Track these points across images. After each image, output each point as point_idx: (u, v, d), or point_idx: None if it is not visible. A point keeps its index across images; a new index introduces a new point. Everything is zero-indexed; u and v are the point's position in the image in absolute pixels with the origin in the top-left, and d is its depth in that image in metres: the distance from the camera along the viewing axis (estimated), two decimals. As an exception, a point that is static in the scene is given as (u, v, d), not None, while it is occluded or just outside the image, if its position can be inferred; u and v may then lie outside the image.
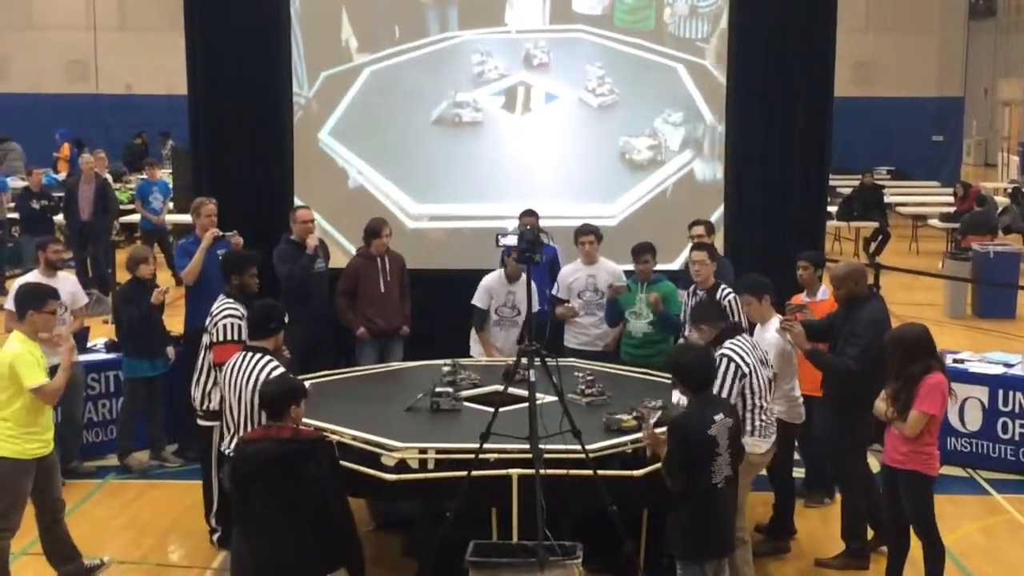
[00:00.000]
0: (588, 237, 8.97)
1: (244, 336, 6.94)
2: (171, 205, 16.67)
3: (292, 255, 9.13)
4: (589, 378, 7.24)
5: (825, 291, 8.22)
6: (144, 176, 17.15)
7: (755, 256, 10.02)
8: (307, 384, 6.40)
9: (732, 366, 6.44)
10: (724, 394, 6.30)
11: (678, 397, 6.56)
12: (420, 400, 7.14)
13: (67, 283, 8.90)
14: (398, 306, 9.31)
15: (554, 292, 9.08)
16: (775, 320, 7.18)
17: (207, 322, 7.28)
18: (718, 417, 5.79)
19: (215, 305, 7.25)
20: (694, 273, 8.25)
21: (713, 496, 5.77)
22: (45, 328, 6.70)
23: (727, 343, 6.58)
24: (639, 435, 6.39)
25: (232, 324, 7.04)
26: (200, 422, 7.24)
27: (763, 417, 6.62)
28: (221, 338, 7.05)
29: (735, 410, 6.13)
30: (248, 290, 7.31)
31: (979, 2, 33.14)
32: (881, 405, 6.56)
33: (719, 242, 10.31)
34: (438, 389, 7.17)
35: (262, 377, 6.18)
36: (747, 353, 6.56)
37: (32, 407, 6.56)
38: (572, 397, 7.07)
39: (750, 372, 6.49)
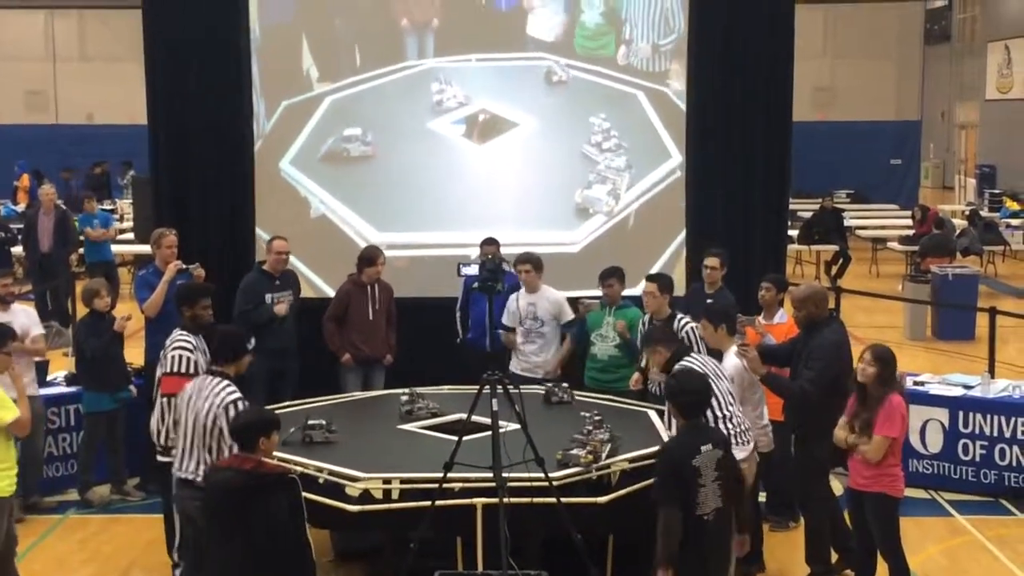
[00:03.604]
0: (525, 266, 9.00)
1: (193, 368, 6.91)
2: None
3: (260, 289, 9.11)
4: (597, 418, 7.03)
5: (783, 314, 8.28)
6: (84, 210, 16.89)
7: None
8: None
9: None
10: None
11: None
12: (292, 434, 7.07)
13: (21, 315, 8.76)
14: (384, 334, 9.34)
15: (504, 321, 9.13)
16: (732, 347, 7.22)
17: (160, 354, 7.24)
18: (705, 447, 5.74)
19: (169, 337, 7.21)
20: (645, 304, 8.36)
21: (699, 528, 5.71)
22: (1, 368, 6.62)
23: (680, 361, 6.70)
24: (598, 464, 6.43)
25: (180, 356, 6.99)
26: (159, 458, 7.17)
27: (730, 424, 6.64)
28: (168, 369, 7.01)
29: (725, 439, 6.08)
30: (201, 322, 7.27)
31: (934, 27, 33.61)
32: (841, 433, 6.60)
33: (680, 267, 10.39)
34: (310, 422, 7.10)
35: (218, 401, 6.22)
36: (701, 364, 6.65)
37: (2, 443, 6.49)
38: (578, 438, 6.86)
39: (711, 386, 6.50)
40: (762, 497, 8.11)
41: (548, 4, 10.57)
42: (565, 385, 8.18)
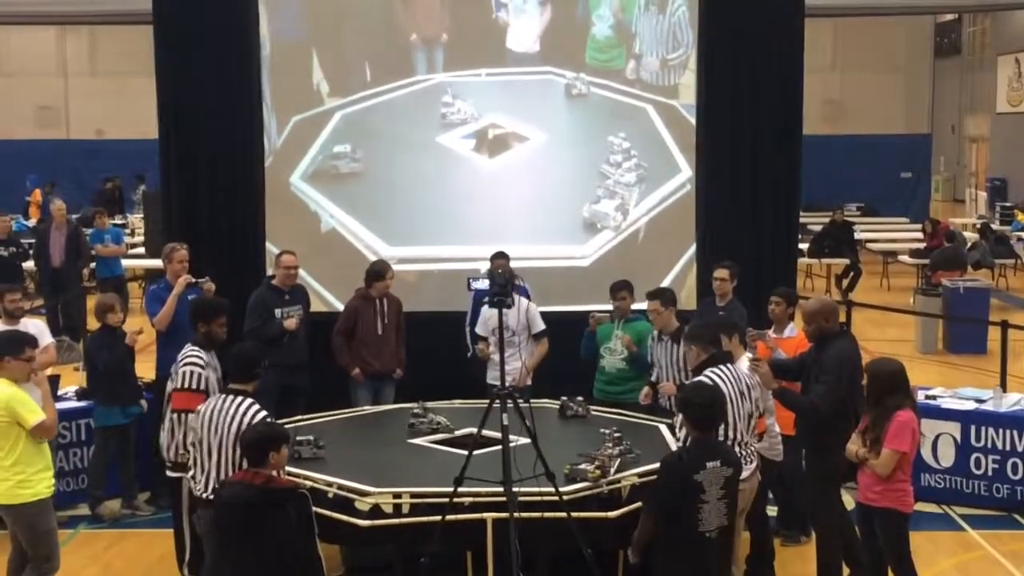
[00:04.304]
0: None
1: (203, 385, 6.92)
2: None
3: (270, 304, 9.11)
4: (617, 435, 6.97)
5: (793, 328, 8.27)
6: (95, 226, 16.93)
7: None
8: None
9: None
10: None
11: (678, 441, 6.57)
12: None
13: (30, 328, 8.70)
14: (394, 348, 9.35)
15: (476, 330, 9.11)
16: (744, 359, 7.21)
17: (172, 369, 7.24)
18: (712, 464, 5.69)
19: (181, 352, 7.22)
20: (652, 321, 8.34)
21: (701, 545, 5.67)
22: (22, 376, 6.64)
23: (708, 370, 6.61)
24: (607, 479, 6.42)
25: (192, 372, 6.99)
26: (169, 473, 7.18)
27: (738, 447, 6.60)
28: (179, 385, 7.01)
29: (738, 460, 6.01)
30: (215, 338, 7.27)
31: (944, 41, 33.61)
32: (852, 447, 6.58)
33: (690, 281, 10.38)
34: (299, 438, 7.08)
35: (246, 420, 6.16)
36: (727, 382, 6.57)
37: (34, 446, 6.51)
38: (587, 453, 6.79)
39: (726, 402, 6.45)
40: (773, 511, 8.10)
41: (558, 18, 10.60)
42: (580, 399, 8.17)
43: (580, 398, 8.18)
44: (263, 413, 6.24)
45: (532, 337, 9.10)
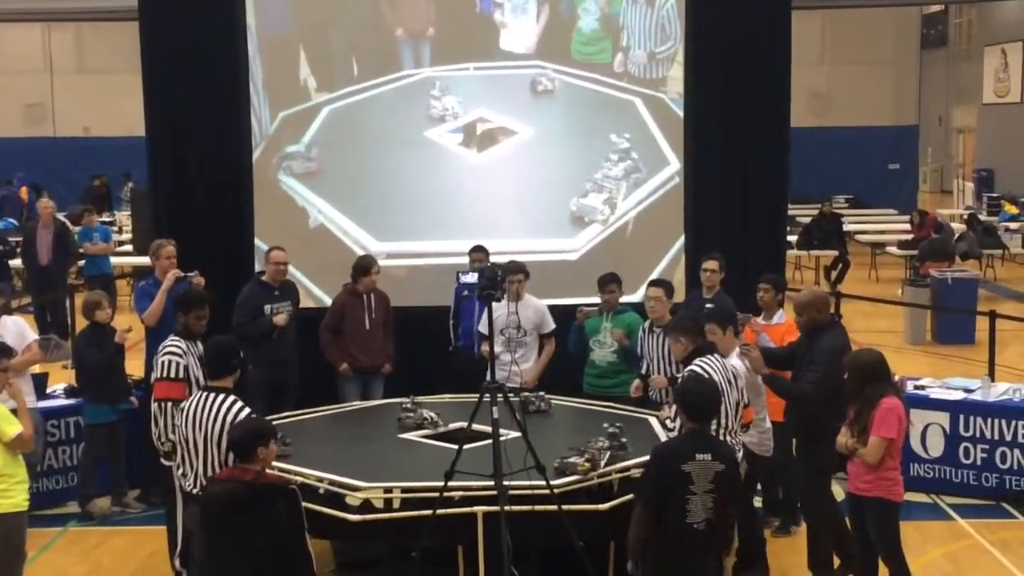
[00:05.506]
0: (518, 276, 8.83)
1: (182, 373, 6.94)
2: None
3: (259, 300, 9.10)
4: (613, 430, 6.88)
5: (782, 315, 8.28)
6: (83, 224, 16.90)
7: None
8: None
9: None
10: None
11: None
12: None
13: (10, 326, 8.65)
14: (382, 344, 9.34)
15: (479, 328, 9.08)
16: (736, 349, 7.23)
17: (153, 359, 7.25)
18: (702, 456, 5.66)
19: (162, 343, 7.22)
20: (649, 310, 8.35)
21: (689, 536, 5.66)
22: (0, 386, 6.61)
23: (697, 360, 6.62)
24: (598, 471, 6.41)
25: (169, 361, 7.01)
26: (163, 461, 7.17)
27: (729, 437, 6.62)
28: (157, 374, 7.04)
29: (732, 457, 5.97)
30: (192, 330, 7.25)
31: (931, 32, 33.71)
32: (842, 439, 6.60)
33: (679, 274, 10.39)
34: None
35: (229, 417, 6.14)
36: (715, 371, 6.58)
37: (11, 457, 6.47)
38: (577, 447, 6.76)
39: (721, 394, 6.45)
40: (759, 503, 8.12)
41: (544, 11, 10.59)
42: (542, 393, 8.17)
43: (542, 392, 8.17)
44: (246, 410, 6.23)
45: (540, 336, 9.07)
